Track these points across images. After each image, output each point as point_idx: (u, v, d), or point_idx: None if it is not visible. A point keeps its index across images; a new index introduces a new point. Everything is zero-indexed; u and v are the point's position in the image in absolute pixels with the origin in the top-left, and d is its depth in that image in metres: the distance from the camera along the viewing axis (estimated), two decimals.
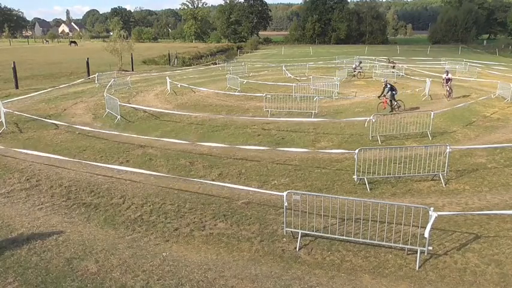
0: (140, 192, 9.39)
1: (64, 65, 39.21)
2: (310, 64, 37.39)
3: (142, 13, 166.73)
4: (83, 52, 51.19)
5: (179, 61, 45.56)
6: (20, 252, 6.87)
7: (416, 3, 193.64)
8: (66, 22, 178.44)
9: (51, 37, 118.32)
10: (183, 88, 23.88)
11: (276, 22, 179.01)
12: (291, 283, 6.14)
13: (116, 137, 13.58)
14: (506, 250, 6.91)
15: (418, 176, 10.08)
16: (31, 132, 14.91)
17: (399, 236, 7.02)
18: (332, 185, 9.90)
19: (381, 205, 7.48)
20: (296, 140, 13.85)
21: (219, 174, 10.61)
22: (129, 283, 6.12)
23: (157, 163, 11.54)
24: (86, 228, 7.74)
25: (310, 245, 7.17)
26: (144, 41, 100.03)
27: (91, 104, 20.33)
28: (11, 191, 9.49)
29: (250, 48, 78.78)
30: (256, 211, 8.48)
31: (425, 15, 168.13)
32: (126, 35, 43.23)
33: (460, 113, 17.03)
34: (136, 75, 31.67)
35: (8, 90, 24.00)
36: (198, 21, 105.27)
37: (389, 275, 6.32)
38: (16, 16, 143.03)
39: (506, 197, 9.06)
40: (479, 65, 34.91)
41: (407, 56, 47.47)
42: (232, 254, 6.92)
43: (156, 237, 7.44)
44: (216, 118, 16.67)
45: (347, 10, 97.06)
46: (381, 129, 13.84)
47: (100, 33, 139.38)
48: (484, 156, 11.84)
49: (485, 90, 22.94)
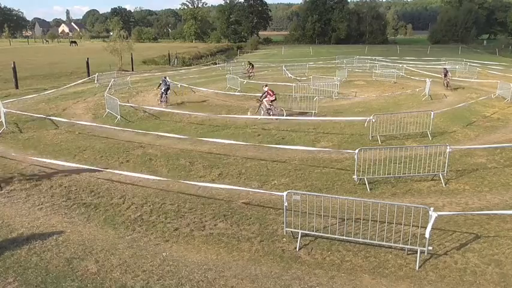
0: (140, 192, 9.39)
1: (64, 65, 39.22)
2: (310, 64, 37.40)
3: (142, 13, 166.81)
4: (83, 52, 51.17)
5: (179, 61, 45.56)
6: (20, 252, 6.87)
7: (416, 3, 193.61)
8: (66, 22, 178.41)
9: (51, 37, 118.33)
10: (183, 88, 23.89)
11: (276, 22, 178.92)
12: (291, 283, 6.14)
13: (118, 134, 13.58)
14: (506, 250, 6.91)
15: (418, 176, 10.08)
16: (31, 132, 14.91)
17: (399, 236, 7.02)
18: (332, 185, 9.90)
19: (381, 205, 7.48)
20: (296, 140, 13.85)
21: (219, 174, 10.61)
22: (129, 283, 6.12)
23: (157, 163, 11.54)
24: (86, 228, 7.74)
25: (310, 245, 7.17)
26: (144, 41, 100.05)
27: (91, 104, 20.33)
28: (11, 191, 9.49)
29: (250, 48, 78.80)
30: (256, 211, 8.48)
31: (425, 15, 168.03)
32: (126, 35, 43.19)
33: (460, 113, 17.03)
34: (137, 75, 31.66)
35: (8, 90, 24.01)
36: (198, 21, 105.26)
37: (389, 275, 6.32)
38: (16, 16, 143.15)
39: (506, 197, 9.06)
40: (479, 65, 34.91)
41: (408, 56, 47.48)
42: (232, 254, 6.92)
43: (156, 237, 7.43)
44: (216, 118, 16.67)
45: (347, 10, 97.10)
46: (381, 129, 13.84)
47: (100, 33, 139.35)
48: (484, 156, 11.84)
49: (485, 90, 22.95)
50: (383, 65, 35.78)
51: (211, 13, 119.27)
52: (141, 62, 42.41)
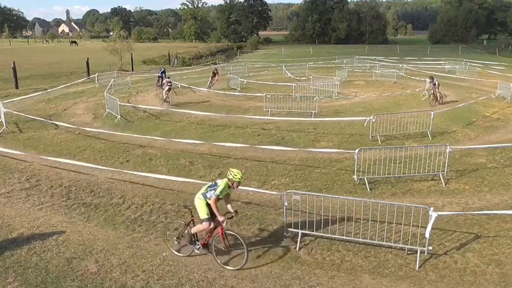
0: (140, 192, 9.39)
1: (64, 65, 39.20)
2: (310, 64, 37.40)
3: (142, 13, 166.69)
4: (83, 52, 51.15)
5: (179, 61, 45.57)
6: (20, 252, 6.87)
7: (416, 3, 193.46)
8: (66, 22, 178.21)
9: (51, 37, 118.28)
10: (183, 88, 23.91)
11: (276, 22, 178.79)
12: (291, 283, 6.14)
13: (115, 136, 13.57)
14: (506, 250, 6.91)
15: (418, 176, 10.08)
16: (31, 132, 14.91)
17: (399, 236, 7.02)
18: (332, 185, 9.90)
19: (381, 205, 7.48)
20: (296, 140, 13.85)
21: (219, 174, 10.60)
22: (129, 283, 6.12)
23: (157, 163, 11.54)
24: (86, 228, 7.74)
25: (310, 245, 7.17)
26: (144, 41, 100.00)
27: (91, 104, 20.33)
28: (11, 191, 9.49)
29: (250, 48, 78.76)
30: (256, 211, 8.48)
31: (425, 15, 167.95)
32: (126, 35, 43.22)
33: (460, 113, 17.03)
34: (137, 75, 31.66)
35: (8, 90, 24.00)
36: (198, 21, 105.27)
37: (389, 275, 6.32)
38: (16, 16, 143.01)
39: (506, 197, 9.06)
40: (479, 65, 34.90)
41: (407, 56, 47.49)
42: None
43: (156, 237, 7.43)
44: (216, 118, 16.67)
45: (347, 10, 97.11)
46: (380, 129, 13.84)
47: (100, 33, 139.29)
48: (484, 156, 11.84)
49: (485, 90, 22.94)
50: (383, 65, 35.76)
51: (211, 13, 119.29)
52: (141, 62, 42.44)
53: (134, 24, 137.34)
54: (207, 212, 6.48)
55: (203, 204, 6.51)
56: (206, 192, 6.50)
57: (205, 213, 6.48)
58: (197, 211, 6.61)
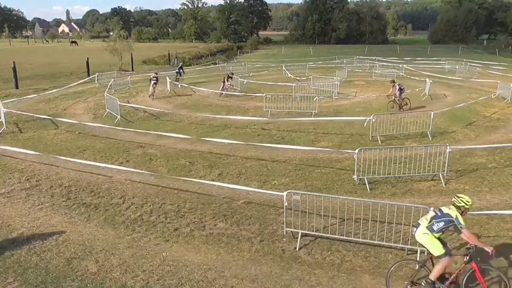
0: (140, 192, 9.39)
1: (64, 65, 39.22)
2: (310, 64, 37.40)
3: (142, 13, 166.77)
4: (83, 52, 51.15)
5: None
6: (20, 252, 6.87)
7: (416, 3, 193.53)
8: (66, 22, 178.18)
9: (51, 37, 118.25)
10: (183, 88, 23.90)
11: (276, 22, 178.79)
12: (291, 283, 6.14)
13: (118, 134, 13.57)
14: (506, 250, 6.90)
15: (418, 176, 10.08)
16: (31, 132, 14.91)
17: (399, 236, 7.02)
18: (332, 185, 9.90)
19: (381, 205, 7.48)
20: (296, 140, 13.85)
21: (219, 174, 10.61)
22: (129, 283, 6.12)
23: (157, 163, 11.54)
24: (86, 228, 7.74)
25: (310, 245, 7.17)
26: (144, 41, 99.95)
27: (91, 104, 20.34)
28: (11, 191, 9.49)
29: (250, 48, 78.74)
30: (256, 211, 8.48)
31: (425, 15, 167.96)
32: (126, 35, 43.22)
33: (460, 113, 17.03)
34: (137, 75, 31.66)
35: (8, 90, 24.02)
36: (198, 21, 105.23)
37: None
38: (16, 16, 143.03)
39: (506, 197, 9.06)
40: (479, 65, 34.90)
41: (407, 56, 47.48)
42: (232, 254, 6.92)
43: (156, 237, 7.43)
44: (216, 118, 16.67)
45: (347, 10, 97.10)
46: (380, 129, 13.84)
47: (100, 33, 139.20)
48: (484, 156, 11.84)
49: (485, 90, 22.94)
50: (383, 65, 35.75)
51: (211, 13, 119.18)
52: (141, 62, 42.42)
53: (134, 24, 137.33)
54: (441, 245, 5.57)
55: (433, 238, 5.58)
56: (432, 225, 5.60)
57: (440, 247, 5.56)
58: (427, 249, 5.74)
